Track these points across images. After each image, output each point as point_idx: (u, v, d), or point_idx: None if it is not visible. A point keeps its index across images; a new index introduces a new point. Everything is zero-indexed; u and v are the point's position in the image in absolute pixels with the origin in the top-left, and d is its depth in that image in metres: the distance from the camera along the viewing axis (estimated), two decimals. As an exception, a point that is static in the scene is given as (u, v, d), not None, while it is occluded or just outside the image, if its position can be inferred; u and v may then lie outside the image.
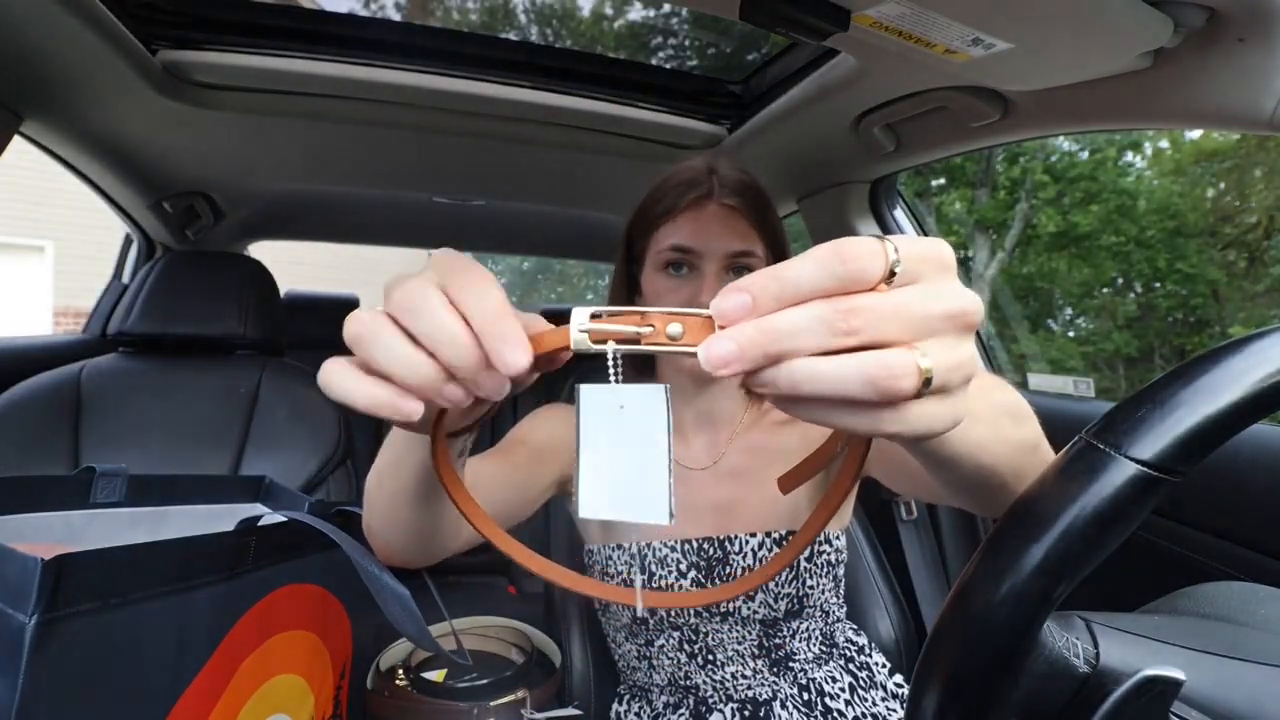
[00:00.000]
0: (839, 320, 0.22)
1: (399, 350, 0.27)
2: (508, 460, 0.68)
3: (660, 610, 0.71)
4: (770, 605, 0.71)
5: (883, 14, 0.64)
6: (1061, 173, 6.20)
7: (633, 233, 0.76)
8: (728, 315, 0.23)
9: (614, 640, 0.81)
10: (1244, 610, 0.36)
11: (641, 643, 0.76)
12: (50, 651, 0.42)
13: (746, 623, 0.72)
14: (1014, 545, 0.28)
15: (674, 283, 0.71)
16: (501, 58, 1.07)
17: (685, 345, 0.26)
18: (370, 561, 0.62)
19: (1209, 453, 0.27)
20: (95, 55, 0.88)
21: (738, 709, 0.72)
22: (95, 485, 0.72)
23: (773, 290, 0.23)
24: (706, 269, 0.69)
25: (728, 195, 0.70)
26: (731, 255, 0.70)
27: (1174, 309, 5.69)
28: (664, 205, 0.71)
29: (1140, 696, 0.27)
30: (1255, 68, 0.64)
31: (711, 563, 0.72)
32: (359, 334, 0.28)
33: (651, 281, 0.73)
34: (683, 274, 0.71)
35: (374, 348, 0.27)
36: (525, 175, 1.43)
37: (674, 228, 0.70)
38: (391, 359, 0.27)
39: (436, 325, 0.27)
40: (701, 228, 0.69)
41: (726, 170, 0.73)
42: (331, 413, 1.11)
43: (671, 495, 0.28)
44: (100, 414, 1.01)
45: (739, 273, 0.71)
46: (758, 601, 0.71)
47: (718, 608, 0.72)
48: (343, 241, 2.25)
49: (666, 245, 0.70)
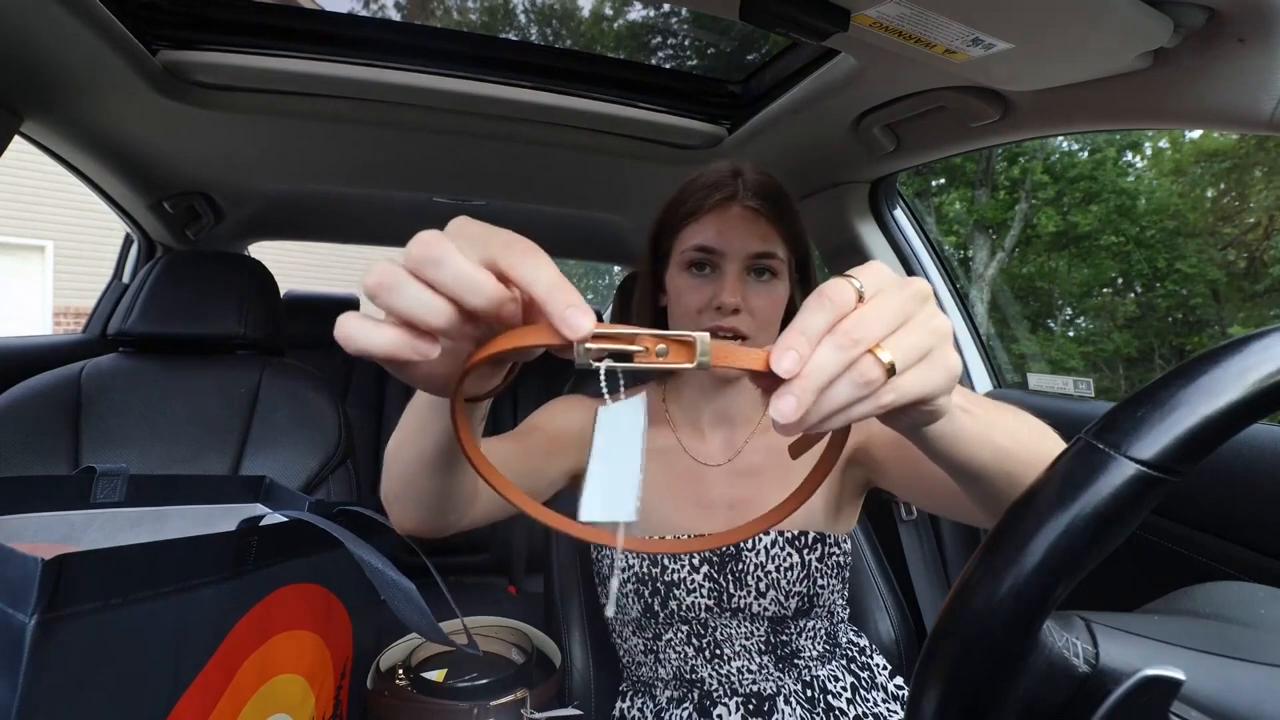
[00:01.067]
0: (844, 338, 0.30)
1: (421, 295, 0.29)
2: (523, 444, 0.69)
3: (671, 604, 0.72)
4: (781, 603, 0.72)
5: (883, 14, 0.64)
6: (1061, 173, 6.20)
7: (659, 232, 0.78)
8: (791, 371, 0.29)
9: (620, 635, 0.82)
10: (1244, 610, 0.36)
11: (649, 636, 0.77)
12: (50, 651, 0.42)
13: (756, 619, 0.73)
14: (1014, 545, 0.28)
15: (696, 281, 0.73)
16: (501, 58, 1.07)
17: (671, 363, 0.31)
18: (375, 557, 0.62)
19: (1209, 453, 0.27)
20: (95, 55, 0.88)
21: (742, 703, 0.73)
22: (95, 485, 0.72)
23: (803, 342, 0.30)
24: (728, 269, 0.71)
25: (751, 197, 0.72)
26: (753, 256, 0.71)
27: (1174, 309, 5.69)
28: (689, 206, 0.73)
29: (1140, 696, 0.27)
30: (1255, 68, 0.64)
31: (724, 558, 0.73)
32: (379, 283, 0.29)
33: (675, 280, 0.75)
34: (705, 273, 0.73)
35: (395, 294, 0.29)
36: (525, 175, 1.43)
37: (698, 228, 0.72)
38: (414, 303, 0.29)
39: (458, 274, 0.29)
40: (725, 229, 0.71)
41: (751, 173, 0.75)
42: (332, 413, 1.11)
43: (638, 495, 0.30)
44: (100, 414, 1.01)
45: (759, 274, 0.73)
46: (769, 599, 0.72)
47: (728, 604, 0.73)
48: (343, 241, 2.25)
49: (690, 245, 0.72)
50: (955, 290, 1.36)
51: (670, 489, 0.76)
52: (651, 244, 0.79)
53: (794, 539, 0.73)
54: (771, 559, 0.73)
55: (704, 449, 0.80)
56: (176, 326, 1.07)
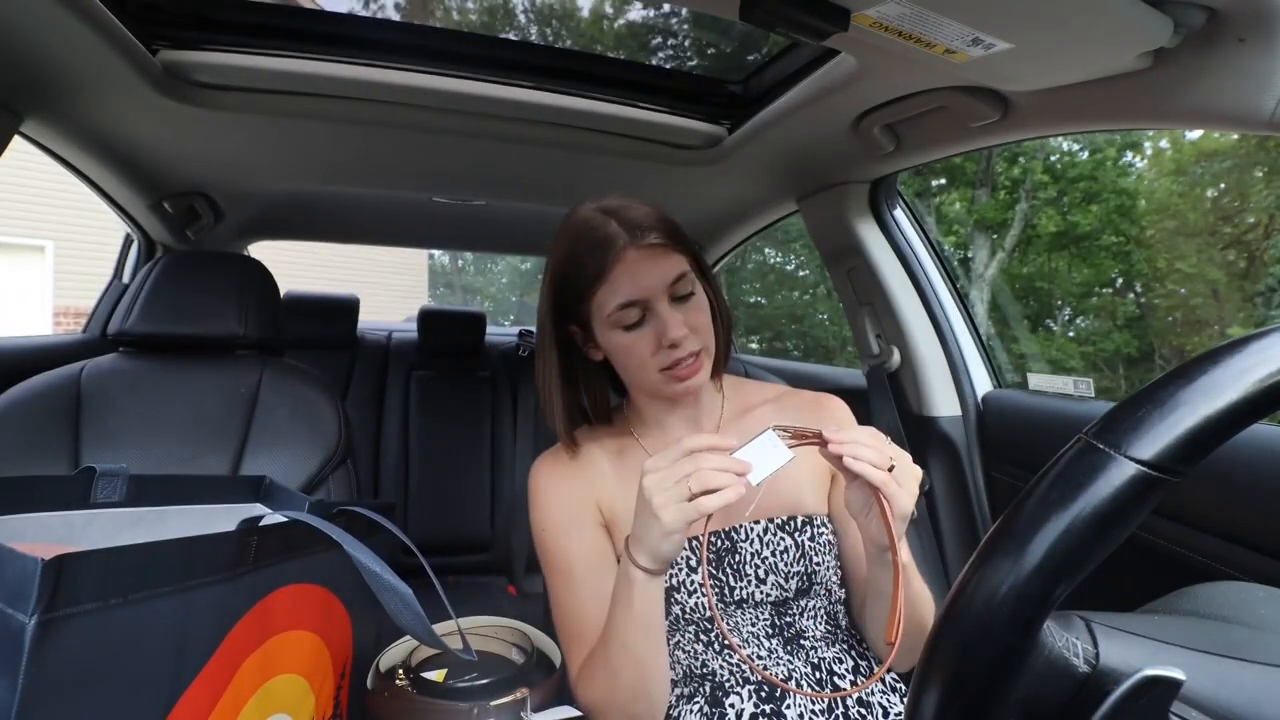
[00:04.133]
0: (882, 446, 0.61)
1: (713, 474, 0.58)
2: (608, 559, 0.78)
3: (674, 609, 0.75)
4: (781, 586, 0.75)
5: (883, 14, 0.64)
6: (1061, 173, 6.20)
7: (565, 305, 0.77)
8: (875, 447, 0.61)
9: None
10: (1244, 610, 0.36)
11: None
12: (50, 651, 0.42)
13: (759, 606, 0.75)
14: (1014, 545, 0.28)
15: (636, 333, 0.73)
16: (501, 58, 1.07)
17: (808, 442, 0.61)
18: (372, 559, 0.62)
19: (1209, 453, 0.27)
20: (95, 55, 0.88)
21: (754, 690, 0.74)
22: (95, 485, 0.72)
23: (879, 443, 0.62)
24: (659, 308, 0.72)
25: (641, 235, 0.72)
26: (671, 284, 0.73)
27: (1174, 309, 5.69)
28: (590, 270, 0.72)
29: (1140, 696, 0.27)
30: (1255, 68, 0.64)
31: (720, 553, 0.76)
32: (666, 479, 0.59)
33: (611, 339, 0.75)
34: (639, 321, 0.73)
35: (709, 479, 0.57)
36: (525, 175, 1.43)
37: (611, 288, 0.72)
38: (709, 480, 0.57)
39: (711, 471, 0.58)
40: (637, 276, 0.71)
41: (623, 211, 0.74)
42: (332, 413, 1.11)
43: None
44: (100, 414, 1.01)
45: (683, 300, 0.74)
46: (769, 584, 0.75)
47: (731, 597, 0.75)
48: (343, 241, 2.25)
49: (614, 306, 0.72)
50: (955, 290, 1.36)
51: None
52: (557, 310, 0.78)
53: (784, 524, 0.76)
54: (766, 545, 0.75)
55: None
56: (176, 326, 1.07)
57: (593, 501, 0.79)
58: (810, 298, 8.62)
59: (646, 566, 0.62)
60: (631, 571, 0.63)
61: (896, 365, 1.37)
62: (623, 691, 0.68)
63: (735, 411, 0.86)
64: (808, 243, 1.46)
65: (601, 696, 0.71)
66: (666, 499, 0.58)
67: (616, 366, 0.79)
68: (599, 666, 0.70)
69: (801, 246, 8.25)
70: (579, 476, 0.80)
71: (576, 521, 0.78)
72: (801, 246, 8.25)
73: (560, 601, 0.77)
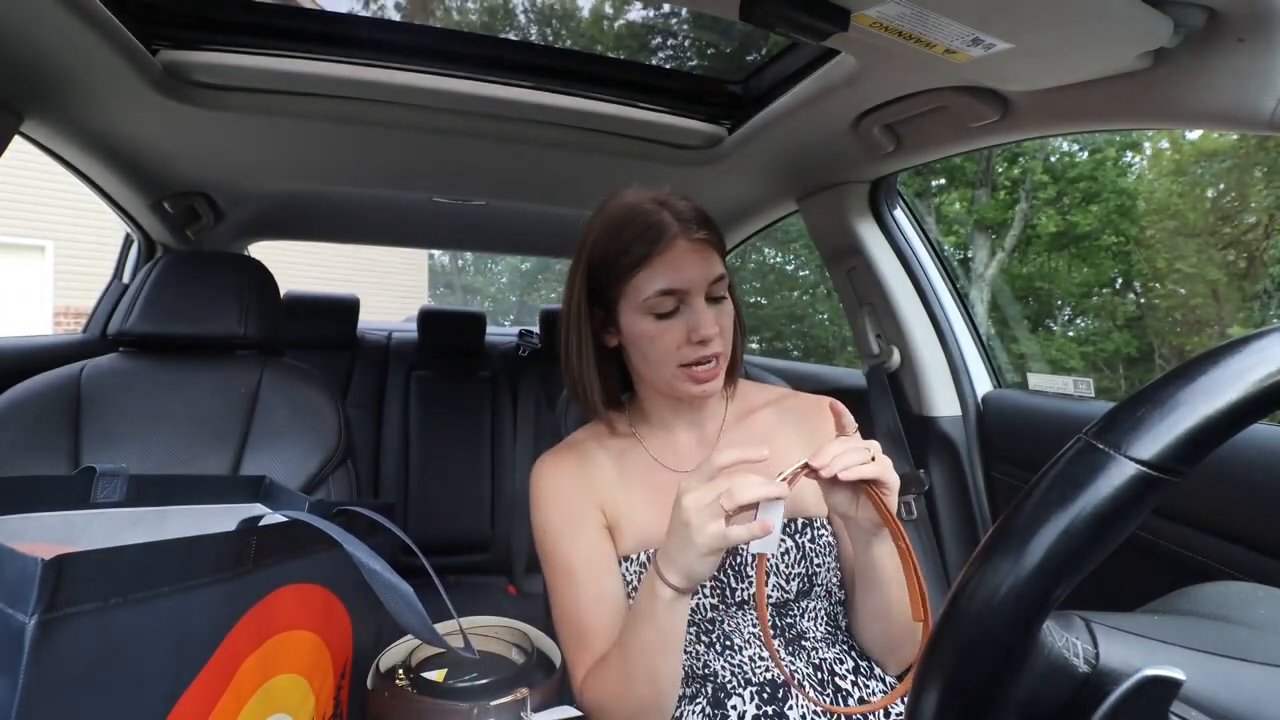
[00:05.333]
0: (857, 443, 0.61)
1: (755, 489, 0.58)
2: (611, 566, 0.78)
3: None
4: (783, 587, 0.75)
5: (883, 14, 0.64)
6: (1061, 173, 6.20)
7: (600, 281, 0.77)
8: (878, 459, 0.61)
9: None
10: (1244, 610, 0.36)
11: None
12: (50, 651, 0.42)
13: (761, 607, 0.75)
14: (1014, 545, 0.28)
15: (666, 323, 0.73)
16: (502, 58, 1.07)
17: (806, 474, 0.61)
18: (373, 559, 0.62)
19: (1209, 453, 0.27)
20: (95, 55, 0.88)
21: (756, 691, 0.74)
22: (95, 485, 0.72)
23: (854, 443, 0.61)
24: (695, 303, 0.73)
25: (693, 229, 0.73)
26: (711, 283, 0.73)
27: (1174, 309, 5.69)
28: (635, 253, 0.72)
29: (1140, 696, 0.27)
30: (1255, 68, 0.64)
31: (723, 554, 0.74)
32: None
33: (637, 324, 0.75)
34: (671, 313, 0.73)
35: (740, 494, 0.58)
36: (525, 175, 1.43)
37: (652, 273, 0.72)
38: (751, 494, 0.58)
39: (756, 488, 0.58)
40: (682, 267, 0.72)
41: (676, 203, 0.75)
42: (332, 413, 1.11)
43: None
44: (100, 414, 1.01)
45: (716, 301, 0.75)
46: (771, 585, 0.75)
47: (733, 597, 0.75)
48: (343, 241, 2.25)
49: (653, 291, 0.72)
50: (955, 290, 1.36)
51: (653, 503, 0.77)
52: (588, 291, 0.78)
53: (785, 525, 0.76)
54: None
55: (678, 457, 0.82)
56: (176, 326, 1.07)
57: (594, 502, 0.79)
58: (810, 298, 8.62)
59: (677, 585, 0.62)
60: (659, 589, 0.63)
61: (896, 365, 1.37)
62: (633, 702, 0.68)
63: (738, 414, 0.86)
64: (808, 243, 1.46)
65: (611, 703, 0.71)
66: (704, 519, 0.58)
67: (634, 355, 0.78)
68: (613, 674, 0.70)
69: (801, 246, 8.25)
70: (580, 477, 0.80)
71: (578, 522, 0.78)
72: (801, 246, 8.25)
73: (561, 602, 0.77)
